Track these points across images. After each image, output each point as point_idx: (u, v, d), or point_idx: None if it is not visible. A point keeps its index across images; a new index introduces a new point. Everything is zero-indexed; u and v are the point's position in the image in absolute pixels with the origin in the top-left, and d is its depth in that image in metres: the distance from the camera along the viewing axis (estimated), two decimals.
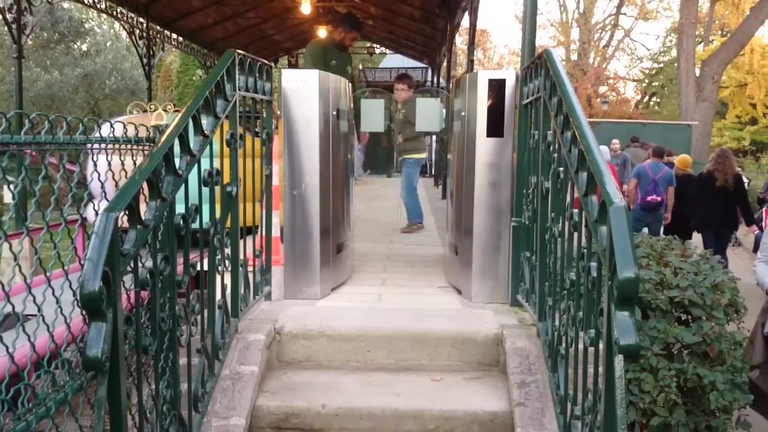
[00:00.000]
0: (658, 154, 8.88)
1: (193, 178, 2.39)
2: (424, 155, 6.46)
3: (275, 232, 3.63)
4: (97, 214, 1.76)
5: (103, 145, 2.78)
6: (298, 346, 3.09)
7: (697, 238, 7.77)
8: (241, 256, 3.08)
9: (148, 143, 3.19)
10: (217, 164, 2.69)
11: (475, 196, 3.54)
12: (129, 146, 3.04)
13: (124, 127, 2.98)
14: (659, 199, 8.17)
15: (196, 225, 2.43)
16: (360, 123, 5.05)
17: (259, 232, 3.44)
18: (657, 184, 8.21)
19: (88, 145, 2.66)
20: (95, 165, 2.57)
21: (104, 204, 1.81)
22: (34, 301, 2.12)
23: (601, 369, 1.85)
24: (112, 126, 2.82)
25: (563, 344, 2.44)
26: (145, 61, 10.56)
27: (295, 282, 3.61)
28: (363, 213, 7.46)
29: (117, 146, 2.90)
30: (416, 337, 3.09)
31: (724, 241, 7.79)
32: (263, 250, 3.45)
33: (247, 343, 2.93)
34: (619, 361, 1.65)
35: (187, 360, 2.37)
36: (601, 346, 1.86)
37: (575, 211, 2.26)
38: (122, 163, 2.79)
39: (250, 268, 3.25)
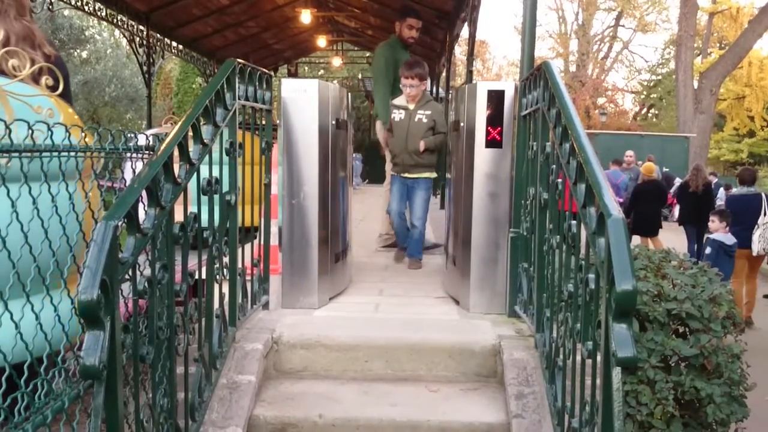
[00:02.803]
0: (617, 163, 11.70)
1: (192, 186, 2.40)
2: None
3: (273, 241, 3.63)
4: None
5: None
6: (296, 355, 3.08)
7: (663, 235, 9.67)
8: (240, 265, 3.08)
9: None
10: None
11: (473, 206, 3.54)
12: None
13: (156, 137, 3.23)
14: (621, 200, 9.93)
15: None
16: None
17: (257, 241, 3.44)
18: (619, 188, 10.47)
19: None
20: (134, 171, 2.72)
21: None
22: (32, 309, 2.11)
23: (598, 381, 1.85)
24: (147, 138, 3.06)
25: (561, 356, 2.44)
26: (144, 68, 10.60)
27: (293, 291, 3.61)
28: (361, 223, 7.46)
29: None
30: (414, 347, 3.08)
31: (701, 235, 9.34)
32: (261, 259, 3.45)
33: (245, 352, 2.93)
34: (616, 373, 1.65)
35: (185, 369, 2.36)
36: (598, 358, 1.87)
37: (573, 222, 2.27)
38: None
39: (248, 277, 3.25)
